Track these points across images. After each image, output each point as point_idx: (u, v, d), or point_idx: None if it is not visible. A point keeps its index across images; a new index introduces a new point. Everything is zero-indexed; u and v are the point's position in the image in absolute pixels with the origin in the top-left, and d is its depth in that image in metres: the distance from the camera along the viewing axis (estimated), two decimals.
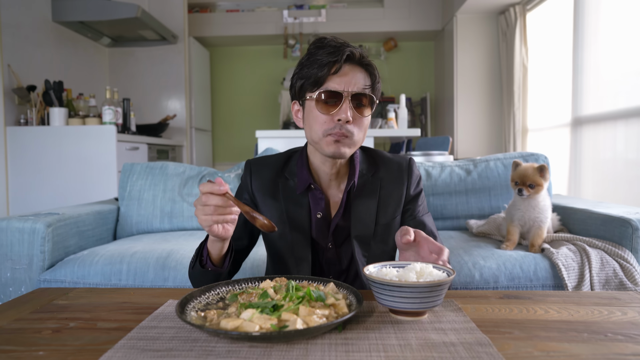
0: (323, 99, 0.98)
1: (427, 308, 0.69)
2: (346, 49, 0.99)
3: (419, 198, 1.15)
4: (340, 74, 0.98)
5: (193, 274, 1.01)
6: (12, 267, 1.55)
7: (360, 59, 1.01)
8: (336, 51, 0.98)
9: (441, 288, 0.68)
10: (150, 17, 3.87)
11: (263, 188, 1.11)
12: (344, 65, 0.99)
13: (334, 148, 0.99)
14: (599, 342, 0.63)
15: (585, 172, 3.10)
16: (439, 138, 3.59)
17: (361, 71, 1.01)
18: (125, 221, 2.00)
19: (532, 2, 4.07)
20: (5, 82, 3.10)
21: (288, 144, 2.86)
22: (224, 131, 5.95)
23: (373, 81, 1.03)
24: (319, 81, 0.99)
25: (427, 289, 0.67)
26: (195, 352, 0.60)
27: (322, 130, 0.99)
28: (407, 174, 1.13)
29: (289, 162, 1.13)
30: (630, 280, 1.40)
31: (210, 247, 0.95)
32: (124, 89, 4.43)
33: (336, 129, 0.98)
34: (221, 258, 0.97)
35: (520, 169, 1.59)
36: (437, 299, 0.69)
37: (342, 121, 0.97)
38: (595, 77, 3.03)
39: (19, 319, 0.75)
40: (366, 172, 1.11)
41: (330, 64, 0.97)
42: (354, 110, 0.99)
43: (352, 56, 0.99)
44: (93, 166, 3.17)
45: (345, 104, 0.97)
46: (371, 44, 5.77)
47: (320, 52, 0.99)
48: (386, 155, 1.16)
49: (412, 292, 0.67)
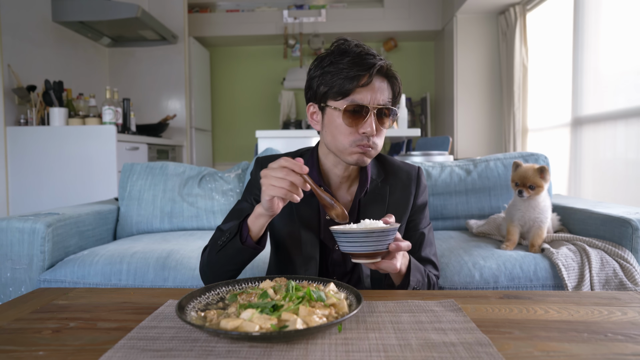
0: (349, 111, 0.98)
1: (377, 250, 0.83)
2: (377, 62, 0.98)
3: (424, 210, 1.16)
4: (369, 86, 0.98)
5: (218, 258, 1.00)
6: (12, 267, 1.55)
7: (387, 72, 1.01)
8: (364, 62, 0.97)
9: (386, 233, 0.82)
10: (150, 17, 3.87)
11: None
12: (374, 77, 0.99)
13: (358, 158, 1.01)
14: (599, 342, 0.63)
15: (585, 172, 3.10)
16: (439, 138, 3.59)
17: (386, 83, 1.01)
18: (125, 221, 2.00)
19: (532, 2, 4.07)
20: (5, 82, 3.10)
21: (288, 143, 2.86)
22: (224, 131, 5.95)
23: (396, 93, 1.04)
24: (346, 92, 0.98)
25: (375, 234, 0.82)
26: (195, 352, 0.60)
27: (348, 141, 1.00)
28: (415, 183, 1.14)
29: None
30: (630, 280, 1.40)
31: (252, 223, 0.96)
32: (124, 89, 4.43)
33: (363, 141, 0.99)
34: (260, 234, 0.99)
35: (520, 170, 1.59)
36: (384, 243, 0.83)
37: (368, 134, 0.98)
38: (595, 77, 3.03)
39: (19, 319, 0.75)
40: (376, 177, 1.12)
41: (359, 76, 0.97)
42: (378, 122, 1.00)
43: (381, 69, 0.99)
44: (93, 166, 3.17)
45: (370, 117, 0.98)
46: (371, 44, 5.77)
47: (345, 60, 0.98)
48: (396, 162, 1.17)
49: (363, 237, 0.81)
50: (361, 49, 1.00)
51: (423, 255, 1.12)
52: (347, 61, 0.98)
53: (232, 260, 0.99)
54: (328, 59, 1.01)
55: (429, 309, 0.76)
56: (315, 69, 1.03)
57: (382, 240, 0.83)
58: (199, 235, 1.87)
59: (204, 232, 1.93)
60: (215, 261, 1.02)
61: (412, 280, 0.97)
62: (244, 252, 0.97)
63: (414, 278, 0.97)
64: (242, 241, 0.97)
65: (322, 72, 1.01)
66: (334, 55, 1.00)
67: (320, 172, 1.10)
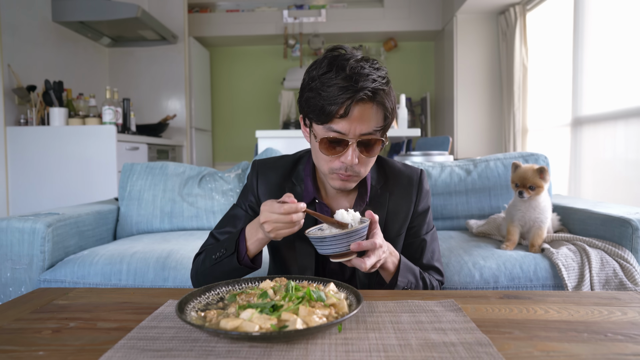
0: (327, 141, 0.92)
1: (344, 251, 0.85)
2: (363, 89, 0.87)
3: (426, 215, 1.11)
4: (348, 116, 0.89)
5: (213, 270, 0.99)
6: (12, 267, 1.55)
7: (374, 97, 0.90)
8: (349, 87, 0.87)
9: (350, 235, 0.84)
10: (150, 17, 3.87)
11: (269, 192, 1.09)
12: (354, 107, 0.89)
13: (340, 185, 0.98)
14: (599, 342, 0.63)
15: (585, 172, 3.10)
16: (439, 138, 3.59)
17: (373, 109, 0.91)
18: (125, 221, 2.00)
19: (532, 2, 4.07)
20: (5, 82, 3.10)
21: (288, 144, 2.86)
22: (224, 131, 5.95)
23: (386, 119, 0.94)
24: (325, 119, 0.91)
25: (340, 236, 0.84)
26: (195, 352, 0.60)
27: (327, 167, 0.96)
28: (417, 189, 1.09)
29: (297, 165, 1.10)
30: (630, 280, 1.40)
31: (254, 246, 0.96)
32: (124, 89, 4.43)
33: (342, 170, 0.95)
34: (258, 254, 0.99)
35: (520, 170, 1.59)
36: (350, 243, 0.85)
37: (348, 164, 0.93)
38: (595, 77, 3.03)
39: (19, 319, 0.75)
40: (375, 183, 1.07)
41: (339, 103, 0.88)
42: (360, 152, 0.93)
43: (363, 99, 0.88)
44: (93, 166, 3.17)
45: (351, 149, 0.92)
46: (371, 44, 5.77)
47: (335, 78, 0.88)
48: (397, 166, 1.12)
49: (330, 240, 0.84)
50: (355, 68, 0.88)
51: (424, 262, 1.09)
52: (335, 79, 0.88)
53: (227, 276, 0.96)
54: (318, 72, 0.92)
55: (429, 309, 0.76)
56: (308, 80, 0.94)
57: (348, 241, 0.85)
58: (199, 235, 1.87)
59: (204, 232, 1.93)
60: (208, 273, 1.01)
61: (401, 280, 0.95)
62: (240, 270, 0.97)
63: (403, 278, 0.96)
64: (239, 260, 0.96)
65: (309, 88, 0.93)
66: (325, 68, 0.91)
67: (316, 179, 1.07)
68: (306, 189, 1.06)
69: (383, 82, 0.91)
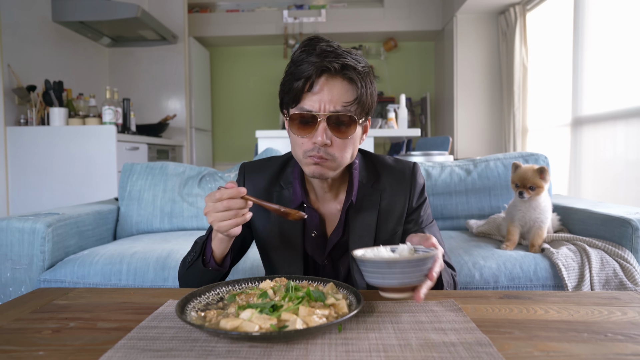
0: (297, 120, 0.90)
1: (413, 283, 0.73)
2: (324, 61, 0.86)
3: (422, 208, 1.06)
4: (316, 91, 0.88)
5: (188, 274, 0.98)
6: (12, 267, 1.55)
7: (342, 70, 0.88)
8: (319, 62, 0.87)
9: (424, 262, 0.72)
10: (150, 17, 3.87)
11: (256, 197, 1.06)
12: (320, 80, 0.87)
13: (315, 170, 0.92)
14: (599, 342, 0.63)
15: (585, 172, 3.10)
16: (439, 138, 3.59)
17: (342, 84, 0.89)
18: (125, 221, 2.00)
19: (532, 2, 4.07)
20: (5, 82, 3.10)
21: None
22: (224, 131, 5.95)
23: (359, 95, 0.90)
24: (296, 98, 0.89)
25: (412, 264, 0.71)
26: (195, 352, 0.60)
27: (301, 151, 0.92)
28: (410, 183, 1.04)
29: (285, 168, 1.07)
30: (630, 280, 1.40)
31: (216, 246, 0.93)
32: (124, 89, 4.43)
33: (314, 151, 0.90)
34: (224, 256, 0.96)
35: (520, 171, 1.59)
36: (422, 273, 0.73)
37: (319, 144, 0.89)
38: (595, 77, 3.03)
39: (19, 319, 0.75)
40: (366, 181, 1.03)
41: (305, 77, 0.87)
42: (332, 132, 0.89)
43: (329, 69, 0.87)
44: (93, 166, 3.17)
45: (320, 126, 0.88)
46: (371, 44, 5.77)
47: (307, 57, 0.88)
48: (388, 162, 1.07)
49: (399, 267, 0.71)
50: (325, 48, 0.88)
51: None
52: (305, 60, 0.88)
53: (200, 279, 0.95)
54: (292, 57, 0.92)
55: (429, 309, 0.76)
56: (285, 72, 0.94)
57: (413, 272, 0.72)
58: (199, 235, 1.86)
59: (203, 232, 1.92)
60: (186, 277, 1.00)
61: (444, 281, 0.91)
62: (208, 273, 0.95)
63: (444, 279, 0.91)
64: (204, 263, 0.95)
65: (285, 75, 0.92)
66: (298, 51, 0.91)
67: (305, 183, 1.04)
68: (294, 192, 1.02)
69: (357, 62, 0.89)
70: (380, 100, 5.37)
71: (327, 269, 1.06)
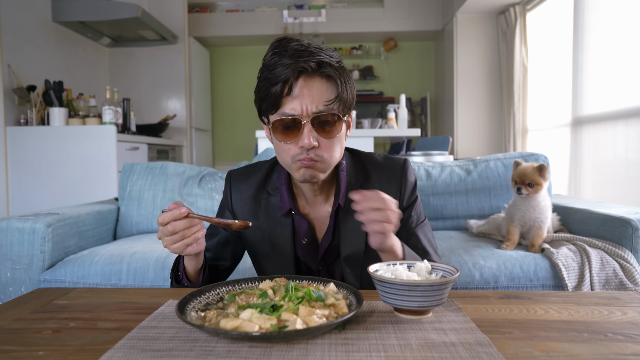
0: (280, 126, 0.87)
1: (433, 306, 0.71)
2: (299, 62, 0.83)
3: (412, 208, 1.02)
4: (296, 94, 0.85)
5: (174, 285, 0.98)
6: (12, 267, 1.55)
7: (319, 69, 0.85)
8: (293, 63, 0.83)
9: (446, 286, 0.70)
10: (150, 17, 3.87)
11: (244, 206, 1.04)
12: (298, 82, 0.85)
13: (304, 173, 0.89)
14: (599, 342, 0.63)
15: (585, 172, 3.10)
16: (439, 138, 3.59)
17: (321, 83, 0.86)
18: (125, 221, 2.00)
19: (532, 2, 4.07)
20: (5, 82, 3.10)
21: None
22: (224, 131, 5.95)
23: (340, 91, 0.87)
24: (275, 104, 0.86)
25: (434, 287, 0.69)
26: (195, 352, 0.60)
27: (289, 157, 0.89)
28: (400, 181, 1.00)
29: (271, 174, 1.04)
30: (630, 280, 1.40)
31: (187, 263, 0.92)
32: (124, 89, 4.43)
33: (302, 154, 0.87)
34: (197, 272, 0.94)
35: (520, 168, 1.59)
36: (442, 296, 0.71)
37: (306, 147, 0.86)
38: (595, 77, 3.03)
39: (19, 319, 0.75)
40: (355, 181, 0.99)
41: (282, 81, 0.84)
42: (319, 133, 0.87)
43: (305, 70, 0.84)
44: (93, 166, 3.17)
45: (306, 128, 0.85)
46: (371, 44, 5.78)
47: (279, 60, 0.85)
48: (377, 159, 1.04)
49: (420, 291, 0.68)
50: (297, 48, 0.85)
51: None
52: (278, 63, 0.85)
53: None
54: (264, 61, 0.88)
55: None
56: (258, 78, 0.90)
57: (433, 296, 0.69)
58: None
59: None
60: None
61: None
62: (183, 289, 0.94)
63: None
64: (178, 280, 0.95)
65: (259, 81, 0.89)
66: (269, 55, 0.88)
67: (292, 187, 1.01)
68: (282, 199, 0.99)
69: (332, 58, 0.87)
70: (380, 100, 5.37)
71: (321, 274, 1.05)
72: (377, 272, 0.75)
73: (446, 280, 0.69)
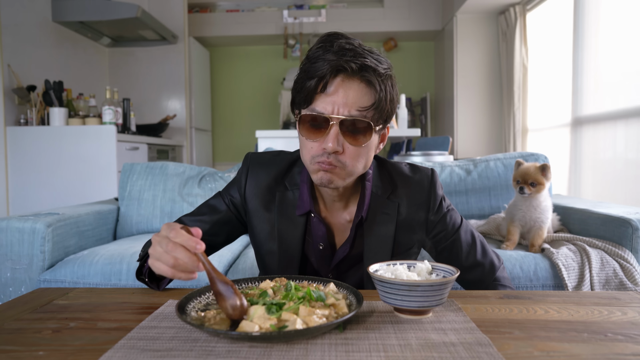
0: (308, 122, 0.83)
1: (433, 306, 0.71)
2: (341, 60, 0.79)
3: (449, 216, 0.98)
4: (330, 92, 0.80)
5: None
6: (12, 267, 1.55)
7: (361, 71, 0.80)
8: (336, 60, 0.79)
9: (446, 286, 0.70)
10: (150, 17, 3.87)
11: (257, 195, 0.98)
12: (335, 80, 0.80)
13: (322, 177, 0.84)
14: (599, 342, 0.63)
15: (585, 172, 3.10)
16: (439, 138, 3.59)
17: (360, 87, 0.81)
18: (125, 221, 2.00)
19: (532, 2, 4.07)
20: (5, 82, 3.10)
21: (288, 144, 2.86)
22: (224, 131, 5.96)
23: (378, 100, 0.82)
24: (308, 98, 0.82)
25: (434, 287, 0.69)
26: (195, 352, 0.60)
27: (309, 156, 0.85)
28: (429, 196, 0.96)
29: (292, 168, 0.99)
30: (630, 280, 1.40)
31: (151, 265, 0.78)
32: (124, 89, 4.43)
33: (323, 156, 0.82)
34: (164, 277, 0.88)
35: (522, 167, 1.59)
36: (442, 296, 0.71)
37: (329, 150, 0.81)
38: (595, 77, 3.03)
39: (19, 319, 0.75)
40: (381, 192, 0.94)
41: (318, 76, 0.79)
42: (345, 138, 0.82)
43: (345, 69, 0.79)
44: (93, 166, 3.17)
45: (332, 130, 0.80)
46: (371, 44, 5.76)
47: (323, 54, 0.81)
48: (405, 171, 0.98)
49: (420, 291, 0.68)
50: (344, 45, 0.80)
51: (465, 264, 0.97)
52: (320, 57, 0.80)
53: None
54: (306, 56, 0.84)
55: None
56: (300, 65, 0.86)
57: (433, 296, 0.69)
58: None
59: None
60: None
61: None
62: (144, 284, 0.89)
63: None
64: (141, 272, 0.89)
65: (299, 73, 0.85)
66: (315, 47, 0.83)
67: (314, 187, 0.96)
68: (301, 197, 0.94)
69: (378, 63, 0.82)
70: None
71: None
72: (377, 272, 0.74)
73: (446, 280, 0.69)
